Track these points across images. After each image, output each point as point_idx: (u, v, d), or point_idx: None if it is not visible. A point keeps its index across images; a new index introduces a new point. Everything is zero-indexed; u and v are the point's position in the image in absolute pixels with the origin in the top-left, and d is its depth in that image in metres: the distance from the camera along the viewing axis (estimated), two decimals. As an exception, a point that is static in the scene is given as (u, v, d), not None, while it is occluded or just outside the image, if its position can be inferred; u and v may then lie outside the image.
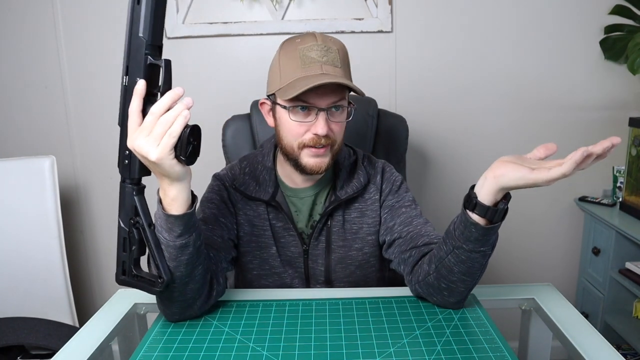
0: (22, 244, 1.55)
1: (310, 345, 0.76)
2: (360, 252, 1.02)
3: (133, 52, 0.68)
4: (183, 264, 0.77)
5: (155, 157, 0.67)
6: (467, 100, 1.79)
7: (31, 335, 1.40)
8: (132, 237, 0.74)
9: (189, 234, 0.76)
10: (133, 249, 0.74)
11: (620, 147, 1.77)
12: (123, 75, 0.69)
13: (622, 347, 1.67)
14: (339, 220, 1.01)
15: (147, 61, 0.68)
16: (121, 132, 0.72)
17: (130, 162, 0.72)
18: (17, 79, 1.79)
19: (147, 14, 0.67)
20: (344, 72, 0.92)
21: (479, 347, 0.74)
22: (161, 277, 0.75)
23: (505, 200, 0.74)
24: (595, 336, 0.78)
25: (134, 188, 0.73)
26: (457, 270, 0.80)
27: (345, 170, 1.02)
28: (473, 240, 0.76)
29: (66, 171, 1.84)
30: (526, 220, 1.89)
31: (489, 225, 0.75)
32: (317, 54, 0.89)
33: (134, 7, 0.67)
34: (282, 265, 1.02)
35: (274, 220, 1.01)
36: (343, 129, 0.95)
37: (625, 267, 1.61)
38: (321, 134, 0.89)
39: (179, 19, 1.71)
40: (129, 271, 0.76)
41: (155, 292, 0.76)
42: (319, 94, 0.88)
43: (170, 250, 0.76)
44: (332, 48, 0.91)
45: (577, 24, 1.73)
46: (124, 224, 0.74)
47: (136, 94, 0.68)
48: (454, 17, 1.73)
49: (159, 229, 0.76)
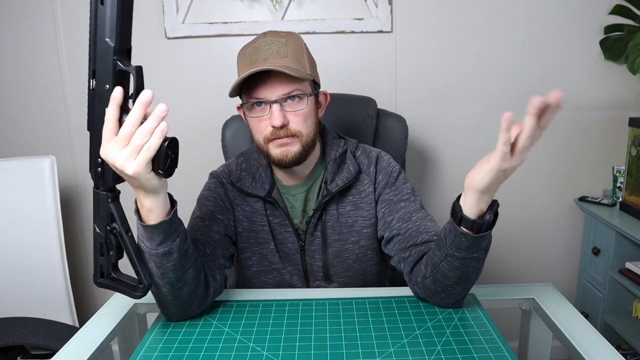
0: (22, 244, 1.55)
1: (310, 345, 0.76)
2: (356, 245, 1.02)
3: (100, 56, 0.63)
4: (170, 270, 0.77)
5: (131, 172, 0.64)
6: (467, 100, 1.78)
7: (31, 335, 1.40)
8: (109, 243, 0.72)
9: (170, 240, 0.75)
10: (111, 254, 0.72)
11: (620, 147, 1.78)
12: (90, 79, 0.65)
13: (622, 347, 1.67)
14: (333, 215, 1.01)
15: (116, 67, 0.64)
16: (91, 137, 0.68)
17: (104, 171, 0.68)
18: (17, 78, 1.79)
19: (112, 16, 0.61)
20: (293, 61, 0.91)
21: (479, 347, 0.74)
22: (142, 282, 0.73)
23: (491, 211, 0.74)
24: (595, 336, 0.78)
25: (108, 195, 0.70)
26: (452, 275, 0.80)
27: (335, 163, 1.02)
28: (464, 249, 0.76)
29: (66, 171, 1.84)
30: (526, 220, 1.89)
31: (479, 234, 0.75)
32: (263, 49, 0.91)
33: (97, 7, 0.62)
34: (281, 261, 1.02)
35: (271, 216, 1.01)
36: (307, 118, 0.94)
37: (625, 267, 1.61)
38: (277, 125, 0.90)
39: (179, 19, 1.71)
40: (107, 274, 0.74)
41: (136, 296, 0.74)
42: (268, 87, 0.90)
43: (154, 258, 0.75)
44: (281, 40, 0.92)
45: (577, 24, 1.73)
46: (100, 230, 0.71)
47: (113, 102, 0.64)
48: (454, 17, 1.73)
49: (140, 237, 0.75)
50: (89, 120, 0.68)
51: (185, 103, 1.77)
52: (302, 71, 0.91)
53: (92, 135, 0.68)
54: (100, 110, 0.66)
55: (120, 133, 0.64)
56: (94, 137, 0.68)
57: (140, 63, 1.88)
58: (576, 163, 1.84)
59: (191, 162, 1.82)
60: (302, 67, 0.93)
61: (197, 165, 1.82)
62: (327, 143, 1.04)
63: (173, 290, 0.79)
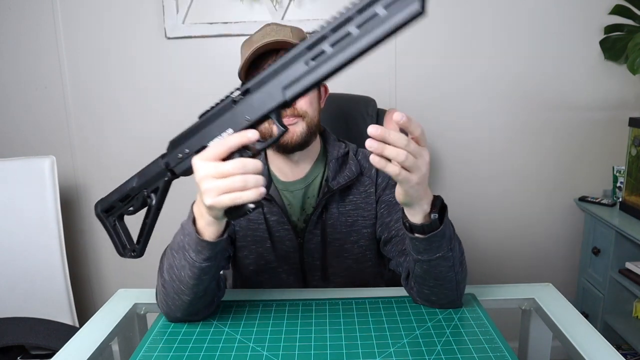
0: (22, 244, 1.55)
1: (310, 345, 0.76)
2: (355, 244, 1.02)
3: (267, 93, 0.61)
4: (204, 284, 0.78)
5: (207, 203, 0.65)
6: (467, 101, 1.78)
7: (31, 335, 1.40)
8: (135, 200, 0.71)
9: (217, 257, 0.76)
10: (130, 208, 0.72)
11: (620, 147, 1.78)
12: (239, 91, 0.64)
13: (622, 347, 1.67)
14: (333, 213, 1.01)
15: (272, 116, 0.62)
16: (197, 124, 0.67)
17: (183, 160, 0.68)
18: (17, 78, 1.79)
19: (304, 87, 0.58)
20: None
21: (479, 347, 0.74)
22: (135, 251, 0.74)
23: (434, 210, 0.75)
24: (595, 336, 0.78)
25: (167, 174, 0.70)
26: (428, 277, 0.81)
27: (337, 162, 1.02)
28: (424, 251, 0.77)
29: (66, 171, 1.84)
30: (526, 220, 1.89)
31: (431, 233, 0.75)
32: (270, 35, 0.92)
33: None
34: (276, 260, 1.02)
35: (268, 214, 1.01)
36: (312, 101, 0.96)
37: (625, 267, 1.61)
38: None
39: (179, 19, 1.71)
40: (111, 215, 0.74)
41: (121, 254, 0.74)
42: None
43: (194, 270, 0.75)
44: (286, 28, 0.94)
45: (577, 24, 1.73)
46: (137, 185, 0.71)
47: (242, 138, 0.63)
48: (454, 17, 1.73)
49: (185, 246, 0.75)
50: (208, 112, 0.67)
51: (185, 103, 1.77)
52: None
53: (200, 124, 0.67)
54: (224, 123, 0.65)
55: (223, 166, 0.63)
56: (199, 127, 0.67)
57: (140, 63, 1.89)
58: (576, 163, 1.84)
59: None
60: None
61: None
62: (329, 143, 1.05)
63: (194, 299, 0.80)
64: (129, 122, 1.79)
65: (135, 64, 1.76)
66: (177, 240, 0.78)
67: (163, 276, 0.81)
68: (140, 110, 1.78)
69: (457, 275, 0.82)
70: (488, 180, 1.84)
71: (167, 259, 0.80)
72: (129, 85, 1.77)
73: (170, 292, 0.80)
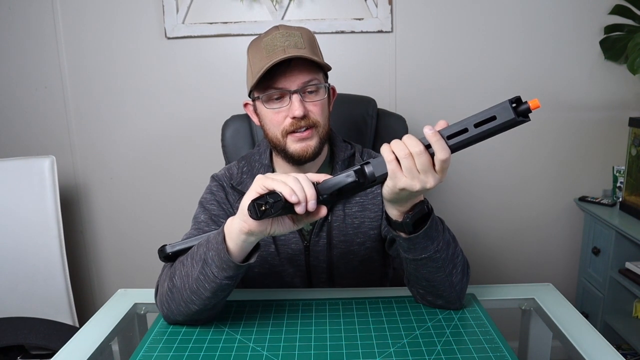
0: (22, 244, 1.55)
1: (310, 345, 0.76)
2: (362, 246, 1.02)
3: (380, 165, 0.69)
4: (218, 298, 0.78)
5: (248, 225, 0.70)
6: (467, 100, 1.78)
7: (31, 335, 1.40)
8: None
9: (237, 277, 0.77)
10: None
11: (620, 147, 1.78)
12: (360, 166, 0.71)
13: (622, 347, 1.67)
14: (339, 215, 1.01)
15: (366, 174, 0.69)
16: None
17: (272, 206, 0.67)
18: (17, 78, 1.79)
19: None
20: (310, 52, 0.92)
21: (479, 347, 0.74)
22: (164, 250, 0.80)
23: (410, 212, 0.75)
24: (595, 336, 0.78)
25: (282, 203, 0.68)
26: (421, 277, 0.82)
27: (344, 164, 1.02)
28: (407, 250, 0.78)
29: (66, 171, 1.84)
30: (526, 220, 1.89)
31: (412, 234, 0.76)
32: (280, 41, 0.90)
33: None
34: (281, 264, 1.02)
35: None
36: (324, 109, 0.95)
37: (625, 267, 1.61)
38: (298, 116, 0.89)
39: (179, 18, 1.71)
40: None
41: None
42: (288, 77, 0.89)
43: (213, 285, 0.76)
44: (295, 33, 0.93)
45: (577, 24, 1.73)
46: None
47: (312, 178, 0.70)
48: (454, 17, 1.73)
49: (208, 260, 0.75)
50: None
51: (185, 103, 1.77)
52: (324, 61, 0.93)
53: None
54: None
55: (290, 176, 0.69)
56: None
57: (140, 63, 1.90)
58: (576, 163, 1.84)
59: (191, 161, 1.82)
60: (319, 58, 0.94)
61: (196, 164, 1.82)
62: (336, 145, 1.04)
63: (202, 310, 0.80)
64: (129, 122, 1.78)
65: (135, 64, 1.76)
66: (199, 251, 0.77)
67: (173, 281, 0.80)
68: (140, 110, 1.78)
69: (450, 277, 0.81)
70: (488, 180, 1.84)
71: (184, 266, 0.79)
72: (129, 85, 1.77)
73: (179, 298, 0.80)
